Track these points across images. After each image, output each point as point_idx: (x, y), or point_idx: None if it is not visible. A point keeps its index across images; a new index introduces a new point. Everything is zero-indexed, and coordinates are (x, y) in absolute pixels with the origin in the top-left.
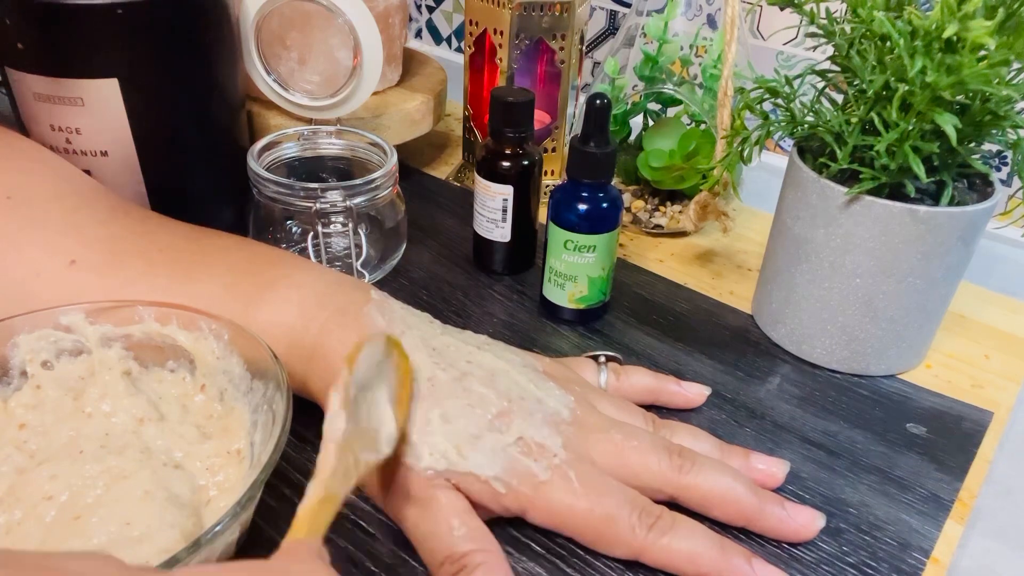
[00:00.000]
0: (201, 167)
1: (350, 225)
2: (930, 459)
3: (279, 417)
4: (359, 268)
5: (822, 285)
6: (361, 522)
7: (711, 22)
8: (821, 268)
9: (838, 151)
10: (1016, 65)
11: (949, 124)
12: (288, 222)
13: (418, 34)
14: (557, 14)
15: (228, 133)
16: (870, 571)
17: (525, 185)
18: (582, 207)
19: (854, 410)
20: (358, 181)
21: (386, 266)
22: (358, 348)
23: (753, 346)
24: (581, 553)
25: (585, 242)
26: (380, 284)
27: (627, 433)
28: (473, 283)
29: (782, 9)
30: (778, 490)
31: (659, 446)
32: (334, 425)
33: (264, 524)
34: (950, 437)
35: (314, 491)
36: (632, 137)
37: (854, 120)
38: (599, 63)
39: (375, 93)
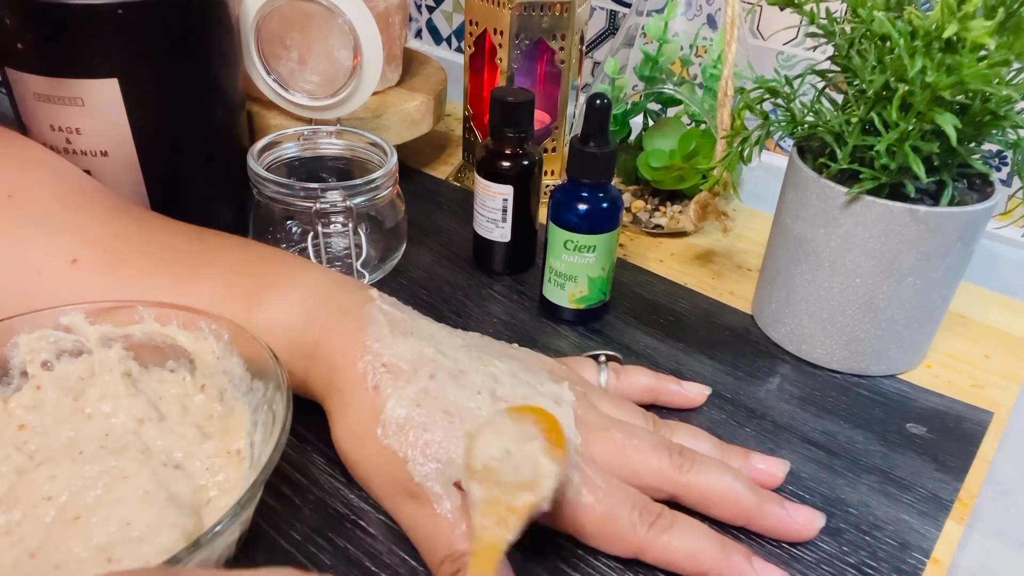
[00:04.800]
0: (201, 167)
1: (350, 225)
2: (930, 459)
3: (279, 417)
4: (359, 268)
5: (822, 285)
6: (361, 522)
7: (711, 22)
8: (821, 268)
9: (838, 151)
10: (1016, 65)
11: (949, 124)
12: (288, 222)
13: (418, 34)
14: (557, 14)
15: (228, 133)
16: (870, 571)
17: (525, 185)
18: (582, 207)
19: (854, 410)
20: (358, 181)
21: (386, 266)
22: (469, 436)
23: (753, 346)
24: (581, 553)
25: (585, 242)
26: (380, 284)
27: (628, 432)
28: (473, 283)
29: (782, 9)
30: (778, 490)
31: (659, 445)
32: (469, 496)
33: (264, 524)
34: (950, 437)
35: (470, 546)
36: (632, 137)
37: (854, 120)
38: (599, 63)
39: (375, 93)
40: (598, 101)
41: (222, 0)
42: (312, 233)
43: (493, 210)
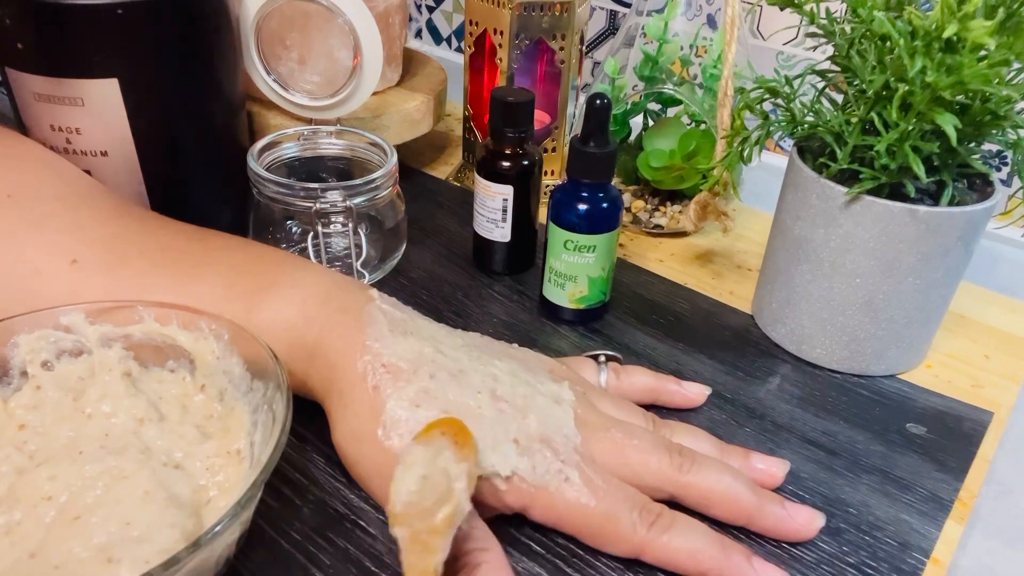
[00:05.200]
0: (201, 167)
1: (350, 225)
2: (930, 459)
3: (279, 417)
4: (359, 268)
5: (822, 285)
6: (361, 522)
7: (711, 22)
8: (821, 268)
9: (838, 151)
10: (1016, 65)
11: (949, 124)
12: (288, 222)
13: (418, 34)
14: (557, 14)
15: (228, 133)
16: (870, 571)
17: (525, 185)
18: (582, 207)
19: (854, 410)
20: (358, 181)
21: (386, 266)
22: (393, 482)
23: (753, 346)
24: (581, 553)
25: (585, 242)
26: (380, 284)
27: (627, 432)
28: (473, 283)
29: (782, 9)
30: (778, 490)
31: (659, 445)
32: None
33: (264, 524)
34: (950, 437)
35: None
36: (632, 137)
37: (854, 120)
38: (599, 63)
39: (375, 93)
40: (598, 101)
41: (222, 0)
42: (312, 233)
43: (493, 210)
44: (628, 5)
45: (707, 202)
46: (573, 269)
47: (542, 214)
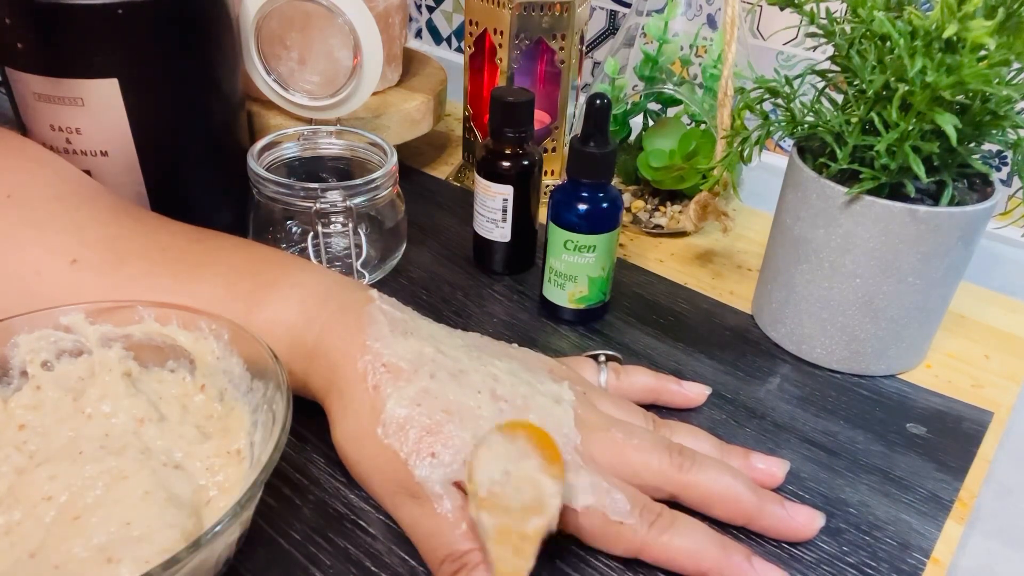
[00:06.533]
0: (201, 167)
1: (350, 225)
2: (930, 459)
3: (279, 417)
4: (359, 268)
5: (822, 285)
6: (361, 522)
7: (711, 22)
8: (821, 268)
9: (838, 151)
10: (1016, 65)
11: (949, 124)
12: (288, 222)
13: (418, 34)
14: (557, 14)
15: (228, 133)
16: (870, 571)
17: (525, 185)
18: (582, 207)
19: (854, 410)
20: (358, 181)
21: (386, 266)
22: (466, 463)
23: (753, 346)
24: (580, 552)
25: (585, 242)
26: (380, 284)
27: (628, 431)
28: (473, 283)
29: (782, 9)
30: (778, 490)
31: (660, 445)
32: (480, 526)
33: (264, 524)
34: (950, 437)
35: None
36: (632, 137)
37: (854, 120)
38: (599, 63)
39: (375, 93)
40: (598, 101)
41: (222, 0)
42: (312, 233)
43: (493, 210)
44: (628, 5)
45: (707, 202)
46: (573, 269)
47: (542, 214)
